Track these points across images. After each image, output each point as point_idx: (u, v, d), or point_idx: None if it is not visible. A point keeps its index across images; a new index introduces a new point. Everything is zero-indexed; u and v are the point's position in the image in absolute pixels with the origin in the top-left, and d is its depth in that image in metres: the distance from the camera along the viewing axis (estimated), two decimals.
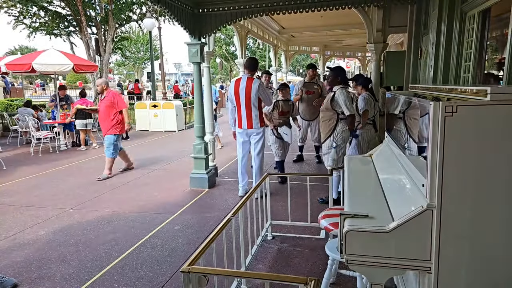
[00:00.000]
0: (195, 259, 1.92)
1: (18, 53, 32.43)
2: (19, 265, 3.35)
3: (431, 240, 1.52)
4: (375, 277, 1.64)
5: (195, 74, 5.58)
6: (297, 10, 4.74)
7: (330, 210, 2.92)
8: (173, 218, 4.38)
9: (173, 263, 3.30)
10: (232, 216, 2.59)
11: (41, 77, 29.09)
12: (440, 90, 2.15)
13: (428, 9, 3.98)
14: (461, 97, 1.67)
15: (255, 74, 4.98)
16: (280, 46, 11.11)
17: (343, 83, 4.44)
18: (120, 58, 37.01)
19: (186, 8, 4.99)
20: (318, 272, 3.06)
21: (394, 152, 2.40)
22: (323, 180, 5.04)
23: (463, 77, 3.05)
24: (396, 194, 1.92)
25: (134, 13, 16.69)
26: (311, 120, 6.62)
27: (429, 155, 1.49)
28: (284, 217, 3.95)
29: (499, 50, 2.79)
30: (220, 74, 35.64)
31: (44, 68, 9.07)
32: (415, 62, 4.53)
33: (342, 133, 4.40)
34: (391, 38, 8.51)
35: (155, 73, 17.56)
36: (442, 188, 1.49)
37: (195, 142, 5.55)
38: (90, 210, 4.74)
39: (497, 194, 1.48)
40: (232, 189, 5.45)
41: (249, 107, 4.78)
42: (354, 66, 26.38)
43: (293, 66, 36.87)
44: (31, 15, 15.12)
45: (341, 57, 15.57)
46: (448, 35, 3.23)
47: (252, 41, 26.05)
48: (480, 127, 1.45)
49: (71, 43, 17.35)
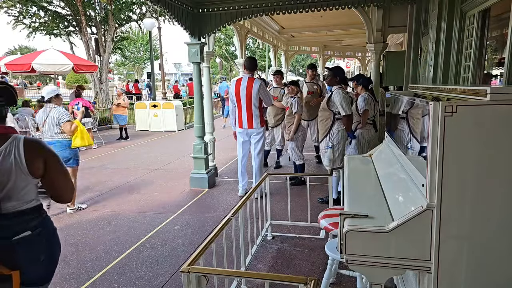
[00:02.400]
0: (195, 259, 1.92)
1: (18, 53, 32.43)
2: None
3: (430, 240, 1.52)
4: (375, 277, 1.64)
5: (195, 74, 5.58)
6: (297, 10, 4.74)
7: (330, 210, 2.92)
8: (173, 218, 4.38)
9: (173, 263, 3.30)
10: (232, 216, 2.59)
11: (40, 77, 29.10)
12: (440, 90, 2.15)
13: (428, 9, 3.98)
14: (461, 97, 1.67)
15: (254, 73, 4.98)
16: (280, 46, 11.11)
17: (342, 83, 4.44)
18: (120, 58, 37.02)
19: (186, 8, 5.00)
20: (318, 272, 3.06)
21: (394, 152, 2.40)
22: (323, 180, 5.04)
23: (463, 77, 3.06)
24: (396, 194, 1.92)
25: (134, 13, 16.68)
26: (310, 120, 6.62)
27: (429, 155, 1.49)
28: (284, 217, 3.95)
29: (499, 50, 2.79)
30: (220, 74, 35.62)
31: (44, 68, 9.09)
32: (415, 62, 4.53)
33: (338, 133, 4.40)
34: (391, 38, 8.51)
35: (155, 73, 17.56)
36: (442, 188, 1.49)
37: (195, 142, 5.55)
38: (90, 210, 4.74)
39: (497, 194, 1.48)
40: (232, 189, 5.45)
41: (249, 107, 4.79)
42: (354, 66, 26.38)
43: (293, 66, 36.85)
44: (31, 15, 15.10)
45: (341, 57, 15.59)
46: (448, 35, 3.23)
47: (252, 41, 26.05)
48: (480, 127, 1.45)
49: (71, 43, 17.35)
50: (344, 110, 4.25)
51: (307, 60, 33.40)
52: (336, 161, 4.44)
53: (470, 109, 1.44)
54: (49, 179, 1.75)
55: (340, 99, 4.26)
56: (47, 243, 1.78)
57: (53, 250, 1.83)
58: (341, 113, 4.29)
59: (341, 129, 4.40)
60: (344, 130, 4.40)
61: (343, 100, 4.25)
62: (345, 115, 4.28)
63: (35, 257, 1.71)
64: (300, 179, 5.49)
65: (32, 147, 1.68)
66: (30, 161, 1.65)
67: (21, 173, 1.63)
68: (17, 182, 1.63)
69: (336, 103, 4.30)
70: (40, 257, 1.73)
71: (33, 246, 1.70)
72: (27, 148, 1.65)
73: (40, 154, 1.70)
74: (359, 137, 4.78)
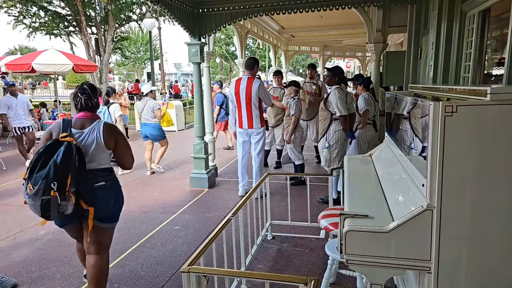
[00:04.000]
0: (195, 259, 1.92)
1: (18, 53, 32.42)
2: (19, 265, 3.35)
3: (431, 240, 1.52)
4: (375, 277, 1.64)
5: (195, 74, 5.58)
6: (297, 10, 4.74)
7: (330, 210, 2.92)
8: (173, 218, 4.38)
9: (173, 263, 3.30)
10: (232, 216, 2.59)
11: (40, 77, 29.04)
12: (440, 90, 2.15)
13: (428, 9, 3.98)
14: (461, 97, 1.67)
15: (255, 73, 4.97)
16: (280, 46, 11.11)
17: (342, 83, 4.43)
18: (120, 58, 36.99)
19: (186, 8, 4.99)
20: (318, 272, 3.06)
21: (394, 152, 2.40)
22: (323, 180, 5.04)
23: (463, 77, 3.06)
24: (396, 194, 1.92)
25: (134, 13, 16.67)
26: (309, 120, 6.62)
27: (429, 155, 1.49)
28: (284, 217, 3.95)
29: (499, 50, 2.79)
30: (220, 74, 35.62)
31: (44, 68, 9.08)
32: (415, 62, 4.53)
33: (335, 134, 4.39)
34: (391, 38, 8.51)
35: (155, 73, 17.53)
36: (442, 188, 1.49)
37: (195, 142, 5.55)
38: None
39: (497, 194, 1.48)
40: (232, 189, 5.45)
41: (249, 107, 4.78)
42: (354, 66, 26.36)
43: (293, 66, 36.85)
44: (31, 15, 15.10)
45: (341, 57, 15.59)
46: (448, 35, 3.23)
47: (252, 41, 26.04)
48: (480, 127, 1.45)
49: (71, 43, 17.34)
50: (339, 111, 4.24)
51: (307, 60, 33.39)
52: (333, 161, 4.43)
53: (470, 109, 1.44)
54: (117, 152, 2.55)
55: (336, 99, 4.24)
56: (114, 192, 2.54)
57: (118, 198, 2.58)
58: (336, 114, 4.29)
59: (338, 129, 4.38)
60: (342, 131, 4.38)
61: (339, 101, 4.23)
62: (340, 116, 4.27)
63: (106, 201, 2.47)
64: (300, 179, 5.49)
65: (108, 129, 2.47)
66: (106, 138, 2.43)
67: (99, 145, 2.42)
68: (96, 150, 2.42)
69: (332, 103, 4.29)
70: (110, 201, 2.49)
71: (106, 192, 2.46)
72: (104, 129, 2.44)
73: (112, 135, 2.48)
74: (359, 137, 4.77)
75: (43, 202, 2.19)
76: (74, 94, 2.50)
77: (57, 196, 2.20)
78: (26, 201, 2.25)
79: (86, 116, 2.48)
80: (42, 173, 2.19)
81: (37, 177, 2.19)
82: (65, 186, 2.23)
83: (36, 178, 2.19)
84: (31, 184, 2.20)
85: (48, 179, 2.17)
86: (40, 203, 2.19)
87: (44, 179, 2.17)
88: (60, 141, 2.30)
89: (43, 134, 2.51)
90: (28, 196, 2.21)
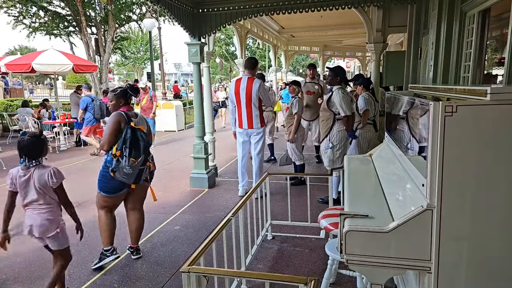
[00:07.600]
0: (195, 259, 1.92)
1: (18, 53, 32.41)
2: (19, 265, 3.35)
3: (431, 240, 1.52)
4: (375, 277, 1.64)
5: (195, 74, 5.58)
6: (297, 10, 4.74)
7: (330, 210, 2.92)
8: (173, 218, 4.38)
9: (173, 263, 3.30)
10: (232, 216, 2.59)
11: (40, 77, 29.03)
12: (440, 90, 2.15)
13: (428, 9, 3.98)
14: (461, 97, 1.67)
15: (255, 73, 4.97)
16: (280, 46, 11.11)
17: (343, 83, 4.43)
18: (120, 58, 36.98)
19: (186, 8, 4.99)
20: (318, 272, 3.06)
21: (394, 152, 2.40)
22: (323, 180, 5.04)
23: (463, 77, 3.06)
24: (396, 194, 1.92)
25: (134, 13, 16.68)
26: (311, 121, 6.62)
27: (429, 155, 1.49)
28: (284, 217, 3.95)
29: (499, 50, 2.79)
30: (220, 74, 35.62)
31: (44, 68, 9.07)
32: (415, 62, 4.53)
33: (338, 134, 4.39)
34: (391, 38, 8.51)
35: (155, 73, 17.54)
36: (442, 188, 1.49)
37: (195, 142, 5.55)
38: (91, 209, 4.73)
39: (497, 194, 1.48)
40: (232, 189, 5.45)
41: (249, 107, 4.78)
42: (354, 66, 26.37)
43: (293, 66, 36.85)
44: (31, 15, 15.10)
45: (341, 57, 15.60)
46: (448, 35, 3.23)
47: (252, 41, 26.03)
48: (480, 127, 1.45)
49: (71, 43, 17.35)
50: (344, 111, 4.23)
51: (307, 60, 33.39)
52: (337, 162, 4.44)
53: (470, 109, 1.44)
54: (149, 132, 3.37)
55: (340, 99, 4.24)
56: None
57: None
58: (341, 114, 4.28)
59: (341, 129, 4.39)
60: (345, 131, 4.38)
61: (343, 101, 4.23)
62: (344, 116, 4.27)
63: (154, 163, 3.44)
64: (300, 179, 5.49)
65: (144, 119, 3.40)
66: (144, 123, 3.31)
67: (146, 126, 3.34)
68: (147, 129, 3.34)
69: (336, 103, 4.29)
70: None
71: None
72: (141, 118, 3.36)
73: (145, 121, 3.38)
74: (360, 137, 4.78)
75: (140, 170, 3.15)
76: (123, 90, 3.23)
77: (150, 165, 3.28)
78: (119, 172, 3.05)
79: (130, 109, 3.29)
80: (139, 150, 3.10)
81: (137, 153, 3.09)
82: (149, 158, 3.26)
83: (136, 154, 3.08)
84: (133, 158, 3.05)
85: (146, 153, 3.16)
86: (138, 171, 3.13)
87: (143, 153, 3.13)
88: (136, 128, 3.13)
89: (111, 125, 3.10)
90: (129, 167, 3.05)
